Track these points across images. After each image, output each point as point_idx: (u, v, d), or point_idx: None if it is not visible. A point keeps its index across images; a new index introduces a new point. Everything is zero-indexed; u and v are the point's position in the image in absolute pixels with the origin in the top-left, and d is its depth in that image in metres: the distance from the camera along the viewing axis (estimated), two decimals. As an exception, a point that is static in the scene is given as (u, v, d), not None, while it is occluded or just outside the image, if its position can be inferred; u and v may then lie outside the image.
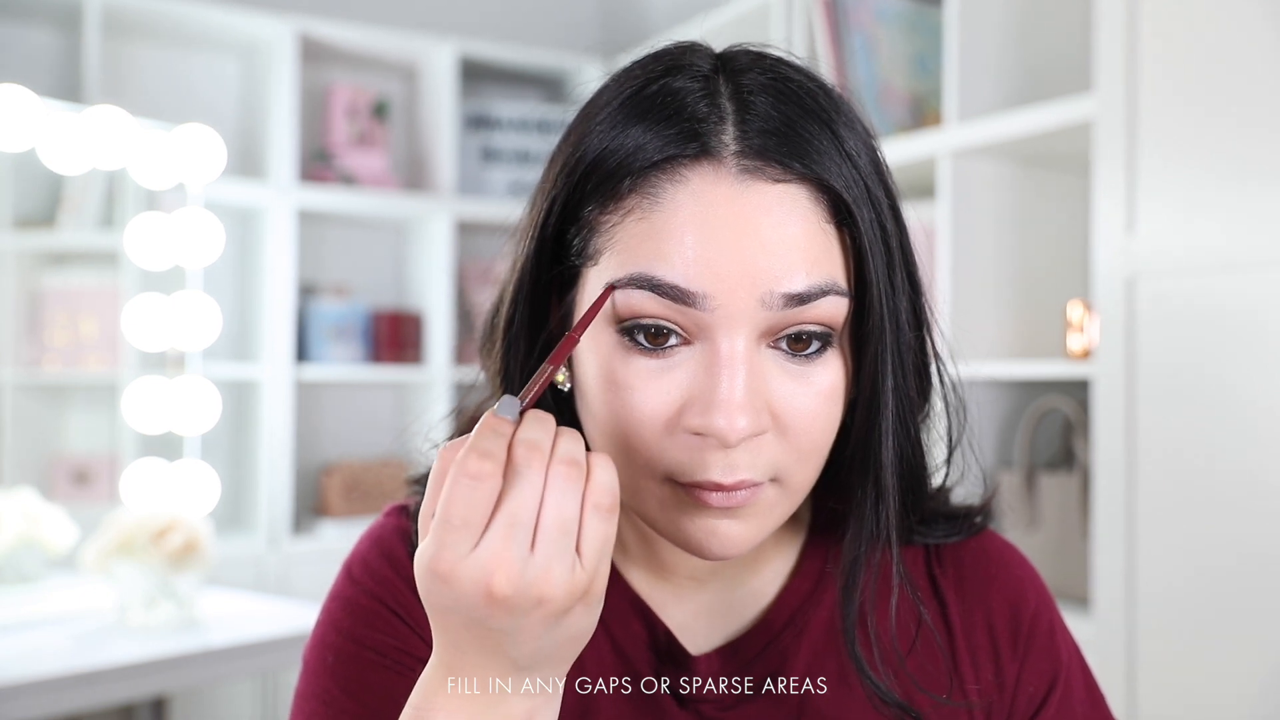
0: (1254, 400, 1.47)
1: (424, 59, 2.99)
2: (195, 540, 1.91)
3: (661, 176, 0.60)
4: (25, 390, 2.42)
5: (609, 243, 0.61)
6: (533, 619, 0.51)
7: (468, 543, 0.50)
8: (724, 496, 0.59)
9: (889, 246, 0.62)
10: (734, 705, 0.69)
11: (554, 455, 0.52)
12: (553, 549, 0.51)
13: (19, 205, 2.37)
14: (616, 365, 0.60)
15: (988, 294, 2.00)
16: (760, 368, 0.60)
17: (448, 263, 2.91)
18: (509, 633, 0.52)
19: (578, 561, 0.51)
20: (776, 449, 0.60)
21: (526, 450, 0.51)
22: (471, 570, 0.50)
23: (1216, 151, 1.52)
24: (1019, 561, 0.77)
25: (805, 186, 0.60)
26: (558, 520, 0.51)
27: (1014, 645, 0.73)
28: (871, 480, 0.64)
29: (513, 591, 0.50)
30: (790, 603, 0.71)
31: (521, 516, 0.50)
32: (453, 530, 0.50)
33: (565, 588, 0.51)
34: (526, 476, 0.51)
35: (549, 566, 0.50)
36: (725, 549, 0.61)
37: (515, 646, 0.52)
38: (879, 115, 2.18)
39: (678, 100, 0.61)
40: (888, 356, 0.62)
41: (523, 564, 0.50)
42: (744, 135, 0.59)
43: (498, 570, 0.50)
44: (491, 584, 0.50)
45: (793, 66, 0.64)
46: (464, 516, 0.50)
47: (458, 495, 0.50)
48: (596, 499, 0.52)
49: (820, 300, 0.59)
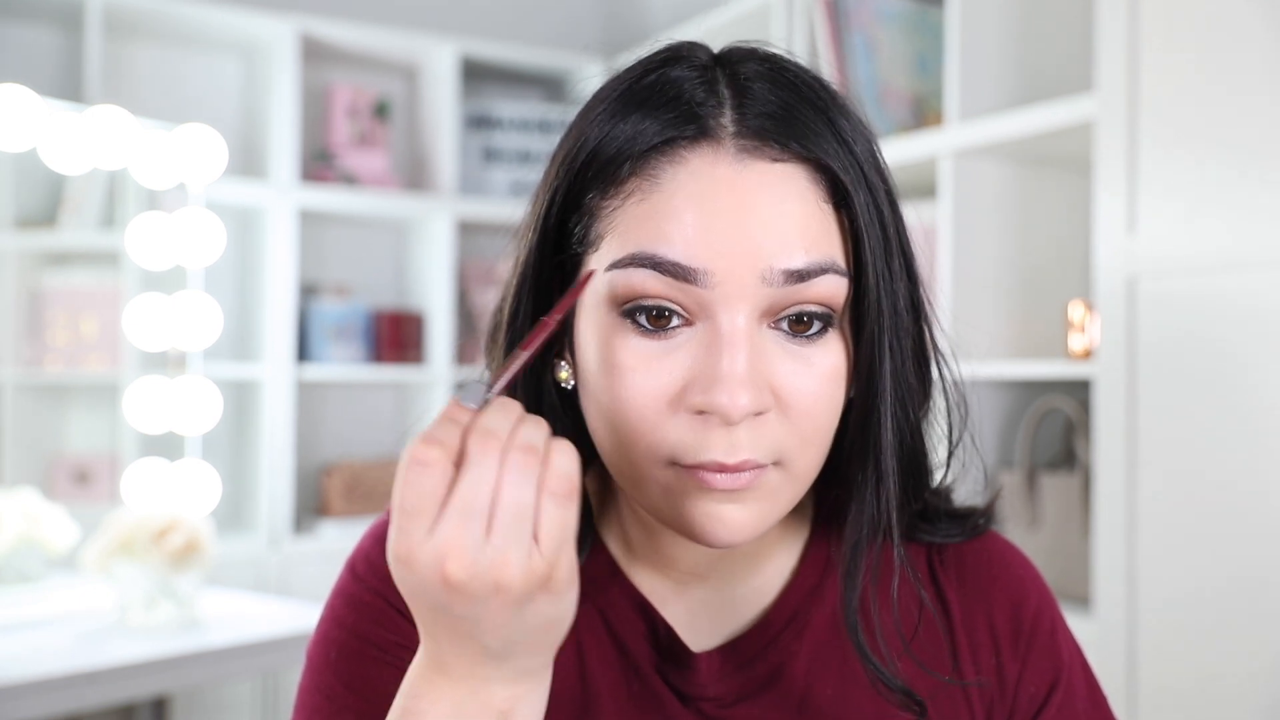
0: (1255, 400, 1.47)
1: (425, 59, 2.99)
2: (196, 540, 1.91)
3: (661, 159, 0.60)
4: (26, 390, 2.42)
5: (610, 227, 0.62)
6: (493, 607, 0.51)
7: (422, 528, 0.50)
8: (728, 478, 0.59)
9: (886, 232, 0.62)
10: (735, 703, 0.69)
11: (510, 441, 0.51)
12: (508, 535, 0.50)
13: (20, 205, 2.37)
14: (618, 348, 0.61)
15: (989, 294, 2.00)
16: (762, 347, 0.60)
17: (449, 263, 2.91)
18: (473, 620, 0.52)
19: (535, 549, 0.51)
20: (780, 430, 0.60)
21: (480, 437, 0.51)
22: (427, 554, 0.50)
23: (1217, 151, 1.52)
24: (1021, 562, 0.77)
25: (803, 166, 0.60)
26: (512, 507, 0.50)
27: (1015, 645, 0.72)
28: (872, 464, 0.64)
29: (467, 577, 0.50)
30: (792, 601, 0.71)
31: (474, 503, 0.50)
32: (407, 516, 0.50)
33: (522, 575, 0.50)
34: (479, 463, 0.50)
35: (505, 552, 0.50)
36: (730, 534, 0.61)
37: (483, 634, 0.52)
38: (880, 115, 2.18)
39: (676, 87, 0.62)
40: (885, 339, 0.62)
41: (476, 550, 0.50)
42: (742, 118, 0.60)
43: (450, 555, 0.50)
44: (446, 569, 0.50)
45: (791, 60, 0.65)
46: (414, 503, 0.50)
47: (408, 481, 0.50)
48: (553, 485, 0.51)
49: (819, 278, 0.60)
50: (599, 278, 0.62)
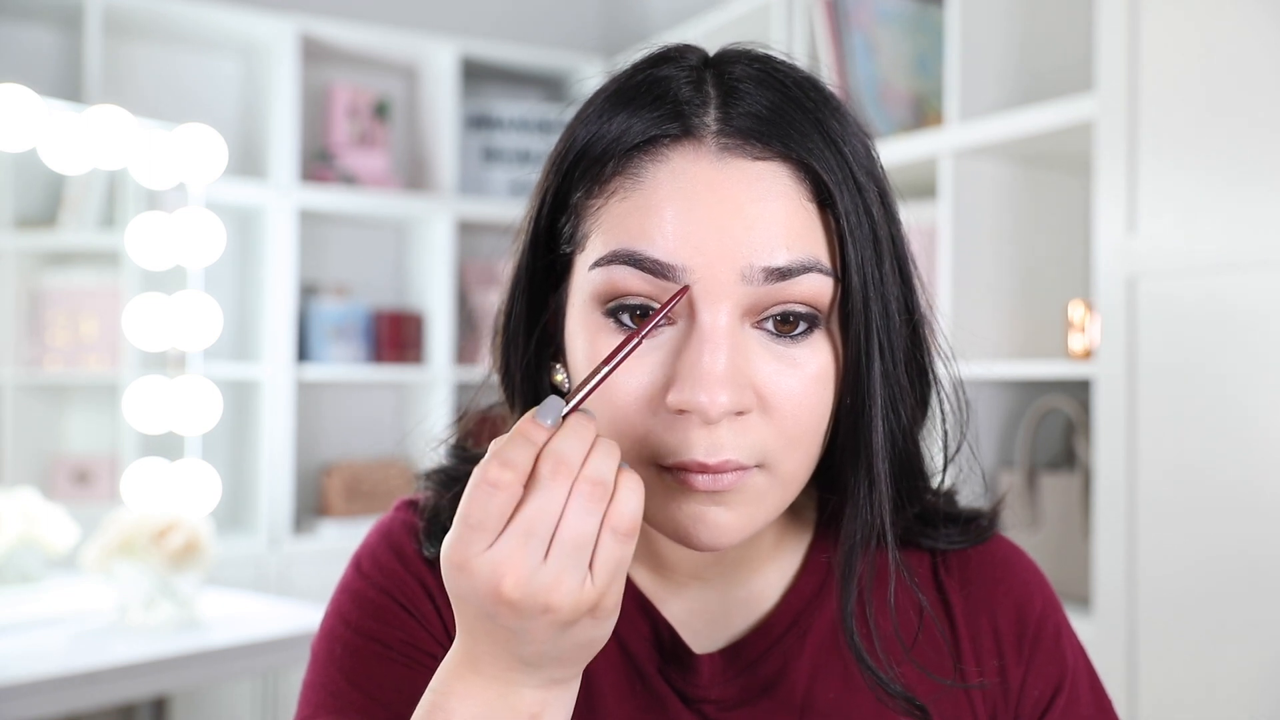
0: (1255, 400, 1.47)
1: (425, 59, 2.99)
2: (196, 540, 1.91)
3: (644, 157, 0.61)
4: (26, 390, 2.42)
5: (595, 225, 0.62)
6: (539, 624, 0.52)
7: (483, 542, 0.51)
8: (710, 479, 0.59)
9: (876, 234, 0.62)
10: (737, 706, 0.69)
11: (582, 471, 0.52)
12: (565, 562, 0.51)
13: (20, 205, 2.37)
14: (602, 348, 0.61)
15: (989, 294, 2.00)
16: (744, 346, 0.60)
17: (449, 263, 2.91)
18: (517, 633, 0.52)
19: (589, 577, 0.52)
20: (763, 431, 0.60)
21: (554, 464, 0.51)
22: (485, 567, 0.51)
23: (1218, 151, 1.52)
24: (1026, 565, 0.76)
25: (786, 165, 0.60)
26: (574, 535, 0.51)
27: (1019, 649, 0.72)
28: (864, 468, 0.63)
29: (520, 596, 0.51)
30: (794, 605, 0.71)
31: (538, 527, 0.51)
32: (469, 529, 0.51)
33: (572, 600, 0.51)
34: (549, 488, 0.51)
35: (560, 578, 0.51)
36: (714, 537, 0.61)
37: (522, 646, 0.53)
38: (880, 115, 2.18)
39: (662, 86, 0.62)
40: (873, 341, 0.61)
41: (533, 571, 0.51)
42: (726, 117, 0.60)
43: (509, 573, 0.51)
44: (501, 585, 0.51)
45: (784, 62, 0.64)
46: (479, 519, 0.51)
47: (475, 498, 0.51)
48: (615, 522, 0.52)
49: (802, 277, 0.59)
50: (584, 277, 0.62)
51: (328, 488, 2.83)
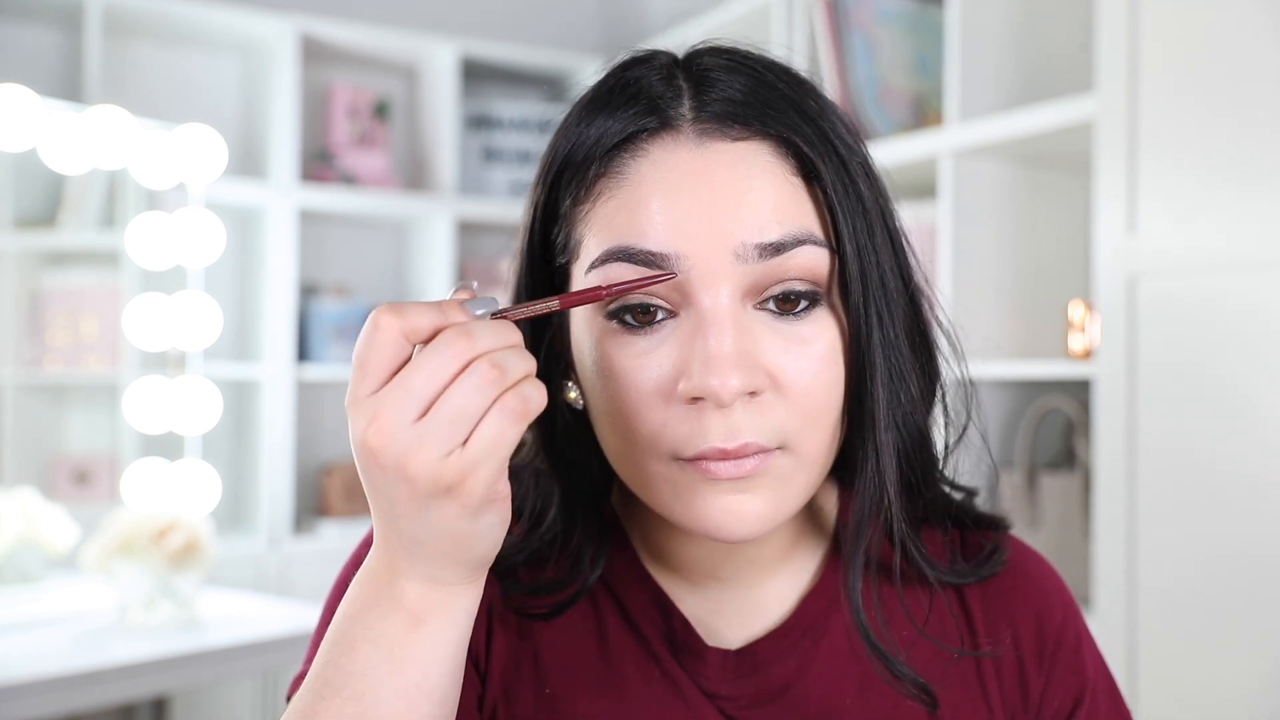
0: (1255, 400, 1.47)
1: (425, 59, 2.99)
2: (196, 540, 1.91)
3: (625, 155, 0.61)
4: (26, 390, 2.42)
5: (586, 230, 0.62)
6: (400, 492, 0.51)
7: (367, 389, 0.51)
8: (732, 466, 0.59)
9: (865, 205, 0.62)
10: (753, 704, 0.68)
11: (486, 355, 0.50)
12: (435, 429, 0.50)
13: (20, 205, 2.37)
14: (610, 350, 0.61)
15: (989, 294, 2.00)
16: (750, 328, 0.59)
17: (449, 263, 2.91)
18: (389, 501, 0.52)
19: (458, 452, 0.50)
20: (780, 412, 0.59)
21: (453, 333, 0.50)
22: (362, 410, 0.51)
23: (1218, 151, 1.52)
24: (1046, 573, 0.75)
25: (767, 143, 0.60)
26: (454, 408, 0.50)
27: (1040, 659, 0.71)
28: (870, 441, 0.62)
29: (380, 445, 0.50)
30: (813, 608, 0.70)
31: (418, 390, 0.50)
32: (360, 371, 0.51)
33: (429, 471, 0.50)
34: (440, 354, 0.50)
35: (423, 441, 0.50)
36: (745, 527, 0.60)
37: (397, 519, 0.53)
38: (880, 115, 2.18)
39: (635, 86, 0.62)
40: (872, 310, 0.61)
41: (398, 426, 0.50)
42: (700, 104, 0.61)
43: (376, 419, 0.50)
44: (368, 430, 0.50)
45: (752, 50, 0.65)
46: (367, 363, 0.51)
47: (364, 338, 0.51)
48: (510, 402, 0.50)
49: (796, 250, 0.59)
50: (582, 283, 0.62)
51: (328, 488, 2.83)
